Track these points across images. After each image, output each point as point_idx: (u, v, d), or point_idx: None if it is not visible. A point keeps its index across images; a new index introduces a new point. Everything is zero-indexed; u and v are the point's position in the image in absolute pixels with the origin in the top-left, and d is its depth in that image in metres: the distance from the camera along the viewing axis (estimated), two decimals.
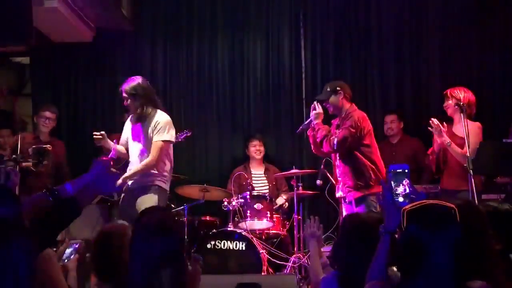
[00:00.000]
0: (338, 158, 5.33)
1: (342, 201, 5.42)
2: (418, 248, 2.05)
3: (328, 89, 5.35)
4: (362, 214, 3.76)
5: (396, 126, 6.61)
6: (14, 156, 5.29)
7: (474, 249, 2.20)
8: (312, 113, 5.37)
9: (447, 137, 5.13)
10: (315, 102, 5.42)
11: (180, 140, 6.25)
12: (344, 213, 5.36)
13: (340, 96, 5.28)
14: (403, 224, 2.16)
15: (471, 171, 4.78)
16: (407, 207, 2.20)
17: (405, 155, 6.38)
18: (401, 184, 2.40)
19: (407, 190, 2.39)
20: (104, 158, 2.53)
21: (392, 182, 2.41)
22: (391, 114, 6.71)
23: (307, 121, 5.47)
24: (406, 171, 2.45)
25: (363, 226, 2.73)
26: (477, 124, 5.30)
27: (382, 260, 2.34)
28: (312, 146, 5.46)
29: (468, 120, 5.04)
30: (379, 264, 2.34)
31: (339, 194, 5.42)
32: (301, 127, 5.58)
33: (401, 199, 2.38)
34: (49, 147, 5.48)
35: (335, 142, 5.11)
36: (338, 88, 5.31)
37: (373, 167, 5.15)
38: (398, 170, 2.45)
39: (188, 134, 6.15)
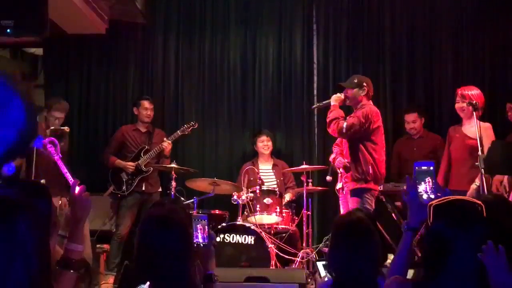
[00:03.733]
0: (346, 150, 5.39)
1: (340, 193, 5.47)
2: (443, 245, 2.02)
3: (355, 81, 5.40)
4: (347, 215, 3.70)
5: (418, 125, 6.49)
6: None
7: (505, 246, 2.15)
8: (333, 96, 5.40)
9: None
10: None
11: (186, 133, 6.29)
12: (341, 206, 5.43)
13: (363, 92, 5.34)
14: (430, 218, 2.14)
15: (482, 170, 4.77)
16: (434, 201, 2.18)
17: (426, 151, 6.31)
18: (424, 182, 2.39)
19: (431, 188, 2.38)
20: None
21: (416, 179, 2.40)
22: (412, 113, 6.54)
23: (325, 102, 5.52)
24: (431, 168, 2.43)
25: (348, 227, 2.65)
26: (488, 125, 5.29)
27: (403, 257, 2.33)
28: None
29: (479, 121, 5.02)
30: (400, 260, 2.34)
31: (338, 185, 5.48)
32: (316, 105, 5.65)
33: (424, 196, 2.37)
34: (67, 129, 5.54)
35: (343, 125, 5.14)
36: (364, 84, 5.36)
37: (374, 164, 5.18)
38: (423, 168, 2.44)
39: (195, 126, 6.21)
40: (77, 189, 2.40)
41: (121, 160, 6.36)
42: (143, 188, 6.33)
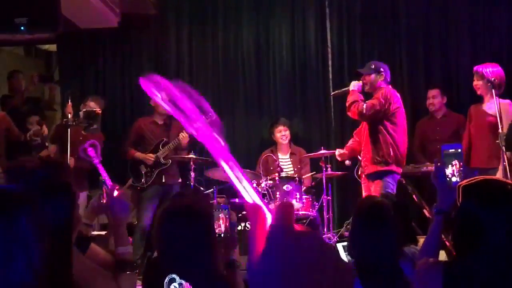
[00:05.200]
0: (365, 133, 5.37)
1: (362, 178, 5.46)
2: (474, 225, 1.98)
3: (373, 67, 5.40)
4: (368, 198, 3.72)
5: (438, 101, 6.41)
6: (65, 119, 5.45)
7: None
8: (352, 82, 5.43)
9: None
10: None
11: None
12: (363, 191, 5.40)
13: (381, 78, 5.34)
14: (459, 200, 2.12)
15: (503, 147, 4.72)
16: (463, 182, 2.16)
17: (450, 130, 6.25)
18: (451, 164, 2.37)
19: (458, 170, 2.35)
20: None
21: (444, 162, 2.38)
22: (434, 89, 6.50)
23: (344, 89, 5.52)
24: (459, 150, 2.41)
25: (368, 211, 2.67)
26: (508, 101, 5.23)
27: (434, 240, 2.32)
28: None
29: (499, 99, 4.96)
30: (431, 243, 2.32)
31: (360, 171, 5.46)
32: (335, 92, 5.65)
33: (453, 179, 2.35)
34: (99, 110, 5.62)
35: (363, 107, 5.13)
36: (381, 69, 5.37)
37: (394, 145, 5.15)
38: (450, 150, 2.41)
39: (213, 118, 6.18)
40: (116, 193, 2.48)
41: (141, 153, 6.38)
42: (163, 180, 6.34)
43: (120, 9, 7.04)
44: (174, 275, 2.27)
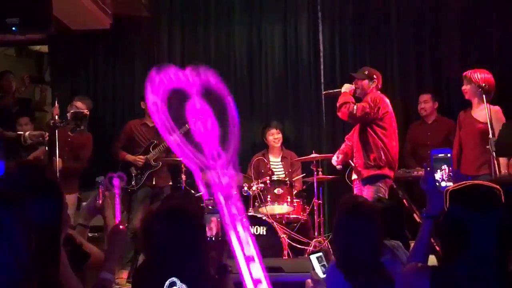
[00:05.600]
0: (356, 138, 5.39)
1: (355, 184, 5.49)
2: (461, 230, 2.00)
3: (366, 73, 5.47)
4: (352, 197, 3.81)
5: (429, 106, 6.47)
6: (52, 121, 5.44)
7: None
8: (344, 85, 5.48)
9: None
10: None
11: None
12: None
13: (373, 84, 5.43)
14: (446, 204, 2.13)
15: (493, 153, 4.74)
16: (450, 187, 2.17)
17: (441, 135, 6.29)
18: (441, 169, 2.38)
19: (447, 175, 2.36)
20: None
21: (433, 167, 2.39)
22: (425, 94, 6.56)
23: (336, 90, 5.58)
24: (449, 155, 2.42)
25: (350, 209, 2.76)
26: (498, 108, 5.26)
27: (423, 245, 2.33)
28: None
29: (489, 104, 4.99)
30: (419, 249, 2.34)
31: (354, 176, 5.50)
32: (328, 91, 5.68)
33: (442, 183, 2.35)
34: (86, 111, 5.61)
35: (354, 108, 5.16)
36: (374, 76, 5.45)
37: (385, 149, 5.19)
38: (440, 155, 2.42)
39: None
40: (120, 227, 2.61)
41: (132, 155, 6.37)
42: (154, 182, 6.34)
43: (112, 11, 7.01)
44: (175, 279, 2.26)
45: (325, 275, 2.80)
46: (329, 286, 2.71)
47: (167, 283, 2.26)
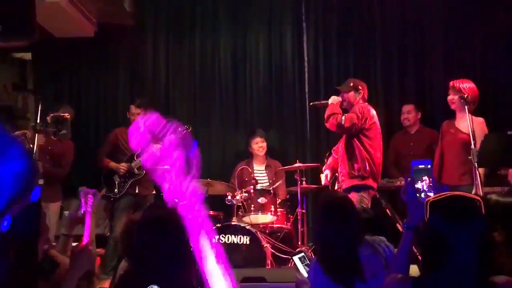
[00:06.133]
0: (341, 147, 5.41)
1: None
2: (441, 241, 2.02)
3: (351, 84, 5.49)
4: (331, 194, 3.88)
5: (412, 116, 6.52)
6: (32, 124, 5.38)
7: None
8: (332, 97, 5.49)
9: None
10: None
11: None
12: None
13: (359, 95, 5.44)
14: (426, 215, 2.14)
15: (475, 163, 4.78)
16: (430, 198, 2.19)
17: (423, 146, 6.33)
18: (421, 180, 2.39)
19: (428, 186, 2.38)
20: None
21: (414, 178, 2.41)
22: (408, 104, 6.61)
23: (324, 101, 5.58)
24: (429, 166, 2.44)
25: (329, 205, 2.85)
26: (481, 119, 5.31)
27: (404, 256, 2.34)
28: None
29: (471, 115, 5.03)
30: (400, 259, 2.35)
31: (336, 186, 5.49)
32: (315, 103, 5.69)
33: (423, 194, 2.37)
34: (67, 115, 5.56)
35: (342, 118, 5.18)
36: (360, 87, 5.47)
37: (369, 159, 5.20)
38: (420, 166, 2.44)
39: (189, 130, 6.18)
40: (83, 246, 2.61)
41: (115, 163, 6.34)
42: (137, 191, 6.30)
43: (97, 19, 7.00)
44: (155, 286, 2.24)
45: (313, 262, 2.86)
46: (311, 281, 2.75)
47: None
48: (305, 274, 4.21)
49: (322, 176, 5.74)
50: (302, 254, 3.98)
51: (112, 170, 6.31)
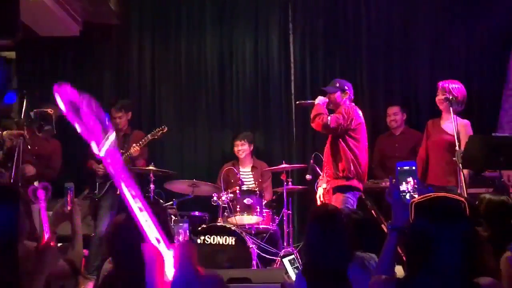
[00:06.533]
0: (326, 148, 5.40)
1: (325, 194, 5.46)
2: (426, 242, 2.02)
3: (337, 85, 5.45)
4: (323, 206, 3.87)
5: (399, 118, 6.57)
6: (16, 120, 5.33)
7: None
8: (318, 97, 5.45)
9: None
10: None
11: (156, 137, 6.22)
12: None
13: (345, 96, 5.41)
14: (411, 216, 2.15)
15: (460, 165, 4.80)
16: (415, 199, 2.20)
17: (408, 147, 6.36)
18: (406, 182, 2.40)
19: (413, 187, 2.38)
20: None
21: (399, 179, 2.41)
22: (394, 106, 6.65)
23: (310, 101, 5.54)
24: (414, 168, 2.44)
25: (322, 217, 2.82)
26: (467, 122, 5.34)
27: (388, 257, 2.34)
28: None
29: (456, 117, 5.06)
30: (385, 261, 2.35)
31: (323, 186, 5.45)
32: (301, 101, 5.66)
33: (407, 196, 2.37)
34: (51, 111, 5.50)
35: (328, 119, 5.16)
36: (346, 87, 5.43)
37: (355, 160, 5.20)
38: (405, 168, 2.44)
39: (164, 130, 6.17)
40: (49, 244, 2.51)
41: (96, 163, 6.31)
42: (118, 192, 6.26)
43: (82, 18, 6.95)
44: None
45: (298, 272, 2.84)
46: None
47: None
48: (294, 277, 4.20)
49: (320, 190, 5.54)
50: (292, 256, 3.97)
51: (93, 170, 6.29)
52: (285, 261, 4.18)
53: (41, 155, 6.20)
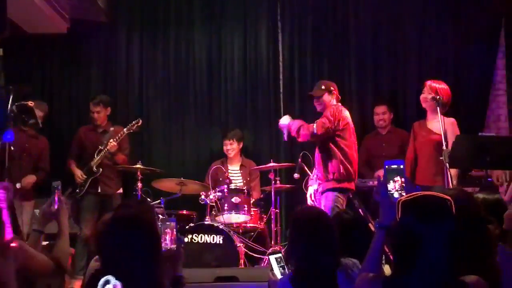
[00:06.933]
0: (316, 150, 5.39)
1: (315, 194, 5.46)
2: (412, 240, 2.03)
3: (323, 87, 5.43)
4: (307, 208, 3.84)
5: (387, 117, 6.60)
6: None
7: (471, 240, 2.21)
8: (280, 125, 5.45)
9: None
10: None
11: (132, 131, 6.21)
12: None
13: (333, 97, 5.39)
14: (398, 215, 2.15)
15: (447, 164, 4.83)
16: (402, 198, 2.20)
17: (395, 146, 6.39)
18: (394, 180, 2.40)
19: (401, 186, 2.39)
20: None
21: (386, 178, 2.42)
22: (381, 105, 6.65)
23: (285, 134, 5.48)
24: (402, 167, 2.45)
25: (309, 220, 2.78)
26: (453, 120, 5.37)
27: (375, 255, 2.35)
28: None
29: (443, 116, 5.09)
30: (372, 259, 2.35)
31: (313, 187, 5.44)
32: (286, 137, 5.61)
33: (395, 194, 2.38)
34: (31, 103, 5.47)
35: (314, 126, 5.15)
36: (332, 88, 5.43)
37: (345, 162, 5.20)
38: (393, 166, 2.45)
39: (139, 123, 6.17)
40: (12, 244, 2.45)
41: (76, 168, 6.28)
42: (99, 190, 6.24)
43: (70, 15, 6.91)
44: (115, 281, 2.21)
45: (282, 276, 2.80)
46: None
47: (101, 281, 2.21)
48: (279, 276, 4.20)
49: (310, 189, 5.54)
50: (280, 255, 3.97)
51: (72, 171, 6.29)
52: (272, 258, 4.19)
53: (31, 153, 6.17)
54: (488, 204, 3.16)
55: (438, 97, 5.18)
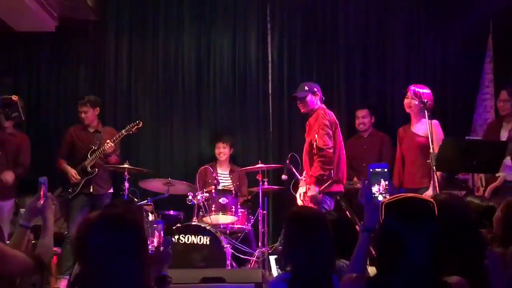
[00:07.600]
0: (304, 151, 5.40)
1: (304, 197, 5.46)
2: (395, 242, 2.06)
3: (306, 88, 5.45)
4: (304, 209, 3.84)
5: (368, 121, 6.67)
6: None
7: (455, 243, 2.23)
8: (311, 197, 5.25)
9: None
10: None
11: (131, 132, 6.18)
12: None
13: (317, 97, 5.41)
14: (381, 217, 2.17)
15: (434, 167, 4.86)
16: (385, 200, 2.22)
17: (375, 149, 6.47)
18: (378, 183, 2.43)
19: (384, 189, 2.41)
20: None
21: (371, 181, 2.44)
22: (363, 109, 6.73)
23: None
24: (386, 170, 2.48)
25: (308, 222, 2.75)
26: (436, 121, 5.41)
27: (360, 257, 2.36)
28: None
29: (428, 120, 5.13)
30: (357, 261, 2.37)
31: (302, 189, 5.45)
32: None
33: (380, 197, 2.40)
34: (15, 97, 5.41)
35: (321, 153, 5.13)
36: (315, 89, 5.45)
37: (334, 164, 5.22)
38: (377, 170, 2.48)
39: (139, 125, 6.14)
40: None
41: (69, 167, 6.23)
42: (91, 190, 6.20)
43: (58, 14, 6.87)
44: None
45: (275, 276, 2.78)
46: None
47: None
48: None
49: (300, 189, 5.49)
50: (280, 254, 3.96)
51: (63, 171, 6.23)
52: (272, 258, 4.18)
53: (8, 150, 6.09)
54: (481, 209, 3.20)
55: (425, 101, 5.23)
